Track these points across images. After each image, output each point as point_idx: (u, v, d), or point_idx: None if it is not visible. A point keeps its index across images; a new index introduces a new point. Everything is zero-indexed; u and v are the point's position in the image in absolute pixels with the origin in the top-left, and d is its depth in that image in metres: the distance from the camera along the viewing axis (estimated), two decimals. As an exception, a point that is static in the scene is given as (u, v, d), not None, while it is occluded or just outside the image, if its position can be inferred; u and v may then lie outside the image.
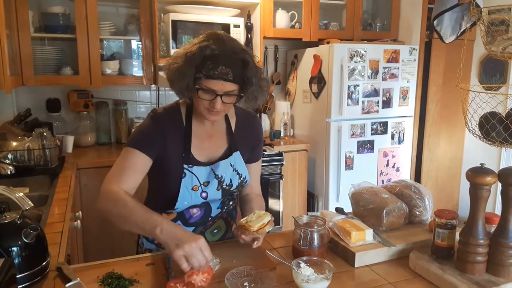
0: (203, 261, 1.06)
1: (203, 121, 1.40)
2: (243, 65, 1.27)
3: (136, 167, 1.31)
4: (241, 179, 1.44)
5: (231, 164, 1.41)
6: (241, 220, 1.30)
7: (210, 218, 1.44)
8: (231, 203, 1.50)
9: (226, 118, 1.46)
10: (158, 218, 1.14)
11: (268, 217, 1.28)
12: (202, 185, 1.37)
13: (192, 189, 1.35)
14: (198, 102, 1.29)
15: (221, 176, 1.39)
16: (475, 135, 1.36)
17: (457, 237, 1.20)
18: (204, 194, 1.38)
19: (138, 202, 1.22)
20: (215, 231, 1.48)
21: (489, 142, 1.31)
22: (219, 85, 1.24)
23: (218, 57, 1.23)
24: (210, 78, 1.23)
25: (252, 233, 1.24)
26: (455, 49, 3.29)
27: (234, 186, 1.43)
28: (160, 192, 1.39)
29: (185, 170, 1.34)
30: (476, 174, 1.12)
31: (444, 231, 1.21)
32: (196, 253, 1.05)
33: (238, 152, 1.44)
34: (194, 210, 1.41)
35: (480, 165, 1.14)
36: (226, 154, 1.43)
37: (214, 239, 1.48)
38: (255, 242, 1.27)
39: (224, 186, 1.40)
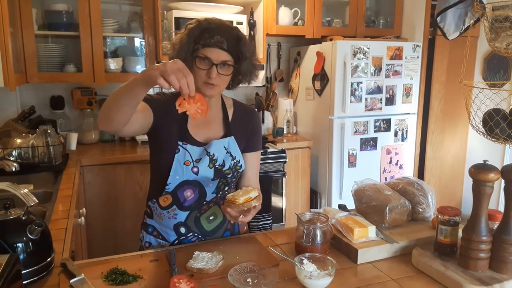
0: (182, 78, 1.07)
1: None
2: (237, 40, 1.36)
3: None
4: (234, 161, 1.46)
5: (224, 147, 1.45)
6: (228, 195, 1.30)
7: (204, 202, 1.45)
8: (226, 188, 1.50)
9: (224, 108, 1.51)
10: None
11: (255, 193, 1.28)
12: (194, 161, 1.41)
13: (184, 163, 1.39)
14: (196, 75, 1.34)
15: (213, 154, 1.42)
16: (478, 132, 1.36)
17: (460, 234, 1.21)
18: (195, 169, 1.41)
19: None
20: (211, 217, 1.48)
21: (493, 139, 1.31)
22: (215, 53, 1.32)
23: (214, 28, 1.34)
24: (207, 46, 1.32)
25: (238, 206, 1.24)
26: (459, 46, 3.28)
27: (227, 167, 1.44)
28: (156, 168, 1.45)
29: (179, 146, 1.39)
30: (479, 171, 1.12)
31: (447, 228, 1.22)
32: (172, 69, 1.06)
33: (232, 137, 1.47)
34: (188, 193, 1.42)
35: (483, 162, 1.14)
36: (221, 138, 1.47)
37: (211, 226, 1.49)
38: (241, 216, 1.27)
39: (216, 166, 1.43)
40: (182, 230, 1.46)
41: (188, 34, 1.34)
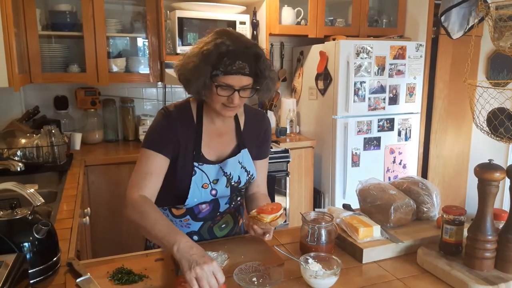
0: (215, 285, 1.03)
1: (214, 119, 1.41)
2: (256, 59, 1.30)
3: (155, 170, 1.32)
4: (249, 176, 1.46)
5: (239, 161, 1.43)
6: (252, 211, 1.30)
7: (218, 213, 1.45)
8: (238, 198, 1.51)
9: (236, 117, 1.47)
10: (176, 236, 1.12)
11: (280, 210, 1.29)
12: (211, 183, 1.38)
13: (202, 186, 1.37)
14: (215, 99, 1.30)
15: (230, 173, 1.40)
16: (483, 131, 1.36)
17: (465, 233, 1.20)
18: (213, 192, 1.39)
19: (160, 215, 1.23)
20: (223, 225, 1.49)
21: (497, 138, 1.30)
22: (237, 80, 1.26)
23: (234, 52, 1.25)
24: (228, 74, 1.25)
25: (265, 225, 1.24)
26: (462, 45, 3.27)
27: (242, 183, 1.44)
28: (171, 188, 1.39)
29: (195, 168, 1.36)
30: (485, 170, 1.11)
31: (452, 227, 1.22)
32: (206, 276, 1.02)
33: (246, 150, 1.45)
34: (203, 206, 1.42)
35: (488, 161, 1.13)
36: (235, 152, 1.44)
37: (222, 233, 1.49)
38: (267, 235, 1.28)
39: (232, 183, 1.42)
40: (195, 238, 1.46)
41: (205, 61, 1.25)
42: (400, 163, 3.37)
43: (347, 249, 1.33)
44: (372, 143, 3.24)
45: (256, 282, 1.12)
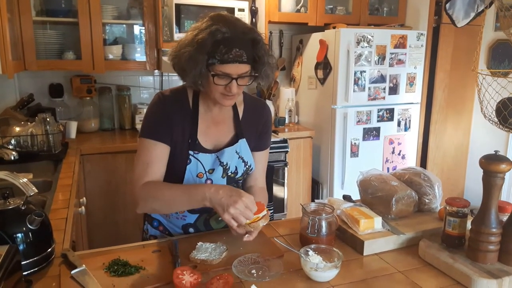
0: (250, 215, 1.17)
1: (210, 106, 1.38)
2: (254, 45, 1.26)
3: (157, 158, 1.31)
4: (247, 166, 1.42)
5: (236, 152, 1.39)
6: None
7: None
8: None
9: (234, 105, 1.42)
10: (199, 193, 1.20)
11: (263, 211, 1.23)
12: (207, 173, 1.35)
13: (197, 176, 1.34)
14: (212, 89, 1.26)
15: (226, 163, 1.37)
16: (491, 121, 1.32)
17: (469, 225, 1.18)
18: (209, 182, 1.36)
19: (171, 185, 1.29)
20: (220, 218, 1.46)
21: (506, 129, 1.27)
22: (234, 68, 1.22)
23: (230, 40, 1.21)
24: (225, 63, 1.21)
25: (244, 226, 1.19)
26: (464, 34, 3.24)
27: (239, 174, 1.41)
28: (165, 177, 1.36)
29: (190, 156, 1.32)
30: (491, 162, 1.09)
31: (455, 220, 1.19)
32: (240, 212, 1.15)
33: (244, 140, 1.41)
34: None
35: (494, 152, 1.11)
36: (232, 141, 1.40)
37: (219, 226, 1.46)
38: (246, 236, 1.22)
39: (229, 174, 1.38)
40: (191, 230, 1.43)
41: (200, 49, 1.20)
42: (399, 154, 3.35)
43: (347, 241, 1.31)
44: (372, 133, 3.22)
45: (255, 274, 1.10)
